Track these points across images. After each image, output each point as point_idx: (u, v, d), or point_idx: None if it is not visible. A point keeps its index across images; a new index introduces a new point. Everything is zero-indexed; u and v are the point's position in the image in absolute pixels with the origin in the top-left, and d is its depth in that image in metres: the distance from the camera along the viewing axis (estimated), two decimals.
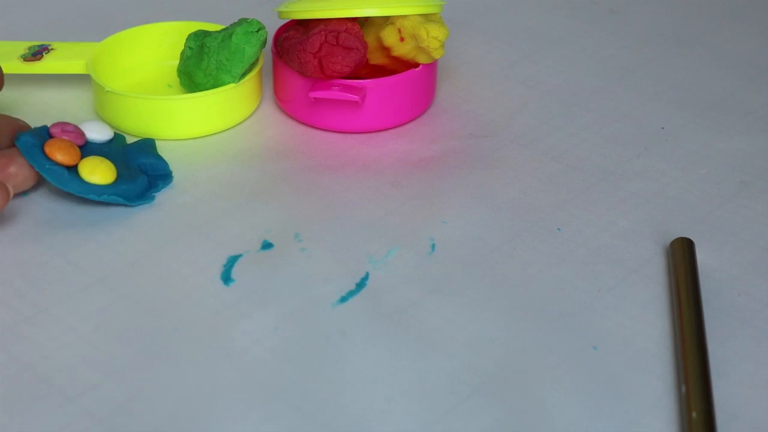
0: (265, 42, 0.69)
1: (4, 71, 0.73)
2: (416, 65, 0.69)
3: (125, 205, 0.63)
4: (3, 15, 0.84)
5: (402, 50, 0.68)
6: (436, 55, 0.68)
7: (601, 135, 0.71)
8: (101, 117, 0.71)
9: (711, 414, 0.50)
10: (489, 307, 0.58)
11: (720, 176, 0.67)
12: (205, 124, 0.70)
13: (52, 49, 0.74)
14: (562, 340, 0.55)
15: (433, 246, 0.61)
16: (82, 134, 0.65)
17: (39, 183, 0.64)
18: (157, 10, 0.83)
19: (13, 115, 0.68)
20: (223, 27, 0.70)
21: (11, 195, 0.60)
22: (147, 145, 0.67)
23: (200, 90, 0.69)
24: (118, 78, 0.74)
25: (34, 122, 0.70)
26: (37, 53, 0.73)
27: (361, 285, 0.58)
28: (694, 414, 0.50)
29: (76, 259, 0.60)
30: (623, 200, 0.65)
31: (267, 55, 0.75)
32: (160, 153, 0.67)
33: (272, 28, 0.74)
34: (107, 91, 0.69)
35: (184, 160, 0.68)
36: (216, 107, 0.70)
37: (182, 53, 0.71)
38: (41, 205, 0.64)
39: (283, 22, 0.73)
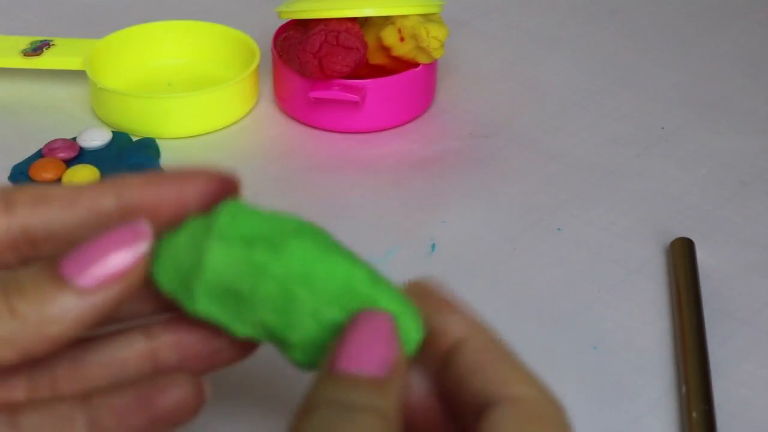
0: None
1: (4, 65, 0.73)
2: (416, 65, 0.69)
3: None
4: (10, 10, 0.83)
5: (402, 50, 0.68)
6: (436, 55, 0.68)
7: (601, 135, 0.71)
8: (98, 115, 0.71)
9: (711, 414, 0.50)
10: (489, 307, 0.57)
11: (720, 176, 0.67)
12: (201, 122, 0.70)
13: (52, 44, 0.73)
14: (562, 339, 0.55)
15: (433, 246, 0.61)
16: (73, 146, 0.65)
17: None
18: (158, 9, 0.83)
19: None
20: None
21: None
22: (145, 145, 0.67)
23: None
24: (118, 76, 0.74)
25: (34, 120, 0.70)
26: (38, 48, 0.73)
27: None
28: (694, 414, 0.50)
29: None
30: (623, 200, 0.65)
31: (267, 55, 0.75)
32: (160, 152, 0.67)
33: (272, 27, 0.74)
34: (100, 88, 0.69)
35: (184, 160, 0.67)
36: (211, 105, 0.70)
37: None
38: None
39: (283, 21, 0.73)
